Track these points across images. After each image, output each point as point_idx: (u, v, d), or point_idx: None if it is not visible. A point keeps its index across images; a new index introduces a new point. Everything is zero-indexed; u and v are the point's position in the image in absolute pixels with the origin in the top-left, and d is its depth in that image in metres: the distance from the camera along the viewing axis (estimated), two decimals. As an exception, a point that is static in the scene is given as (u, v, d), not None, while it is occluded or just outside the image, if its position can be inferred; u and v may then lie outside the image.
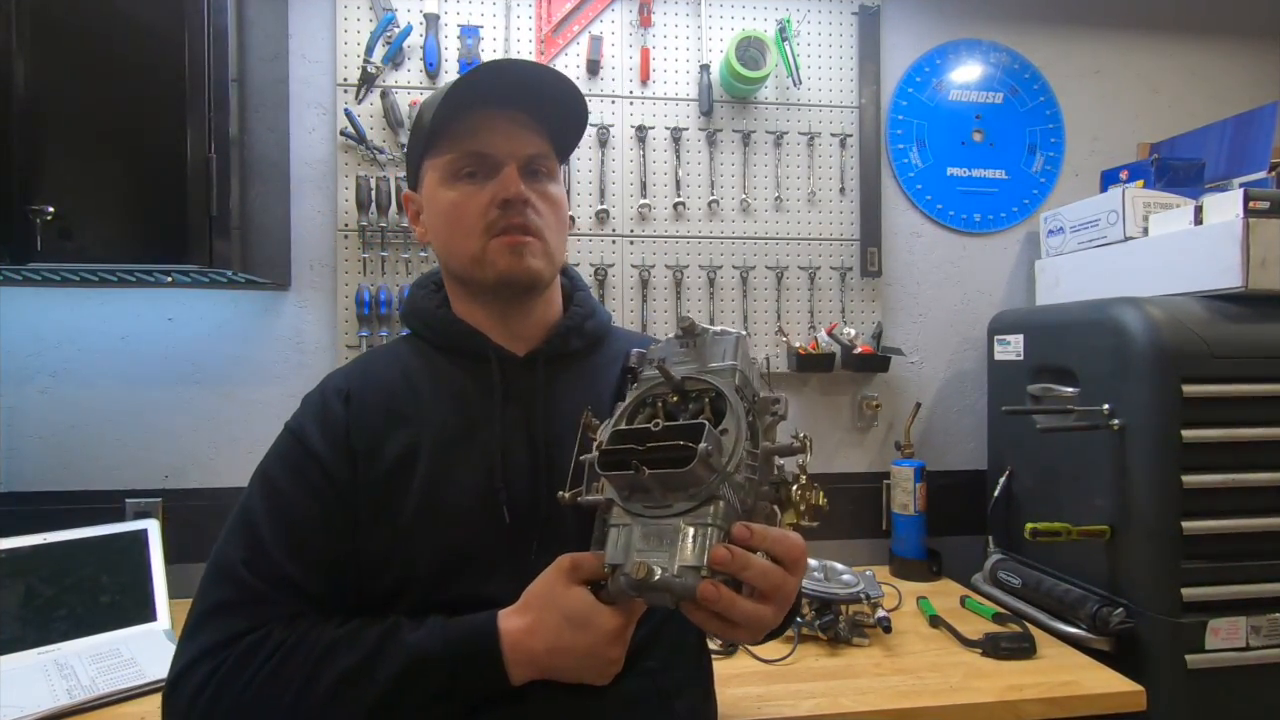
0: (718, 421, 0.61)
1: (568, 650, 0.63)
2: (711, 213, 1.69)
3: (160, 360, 1.52)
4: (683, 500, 0.58)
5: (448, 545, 0.70)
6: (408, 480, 0.71)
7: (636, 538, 0.59)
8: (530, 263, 0.75)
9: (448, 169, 0.76)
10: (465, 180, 0.75)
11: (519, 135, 0.76)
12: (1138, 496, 1.21)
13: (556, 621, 0.63)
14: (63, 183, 1.16)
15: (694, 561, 0.56)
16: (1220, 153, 1.65)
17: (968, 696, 1.09)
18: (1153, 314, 1.21)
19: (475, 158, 0.75)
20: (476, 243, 0.75)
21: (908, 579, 1.60)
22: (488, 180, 0.75)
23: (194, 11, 1.18)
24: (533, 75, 0.75)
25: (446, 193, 0.76)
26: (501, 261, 0.74)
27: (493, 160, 0.75)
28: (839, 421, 1.75)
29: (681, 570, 0.56)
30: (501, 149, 0.75)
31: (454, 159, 0.76)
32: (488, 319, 0.80)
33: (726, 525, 0.58)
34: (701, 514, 0.57)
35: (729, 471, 0.58)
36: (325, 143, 1.58)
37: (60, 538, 1.27)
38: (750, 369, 0.68)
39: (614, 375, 0.83)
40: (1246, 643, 1.17)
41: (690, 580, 0.55)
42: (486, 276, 0.76)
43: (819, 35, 1.73)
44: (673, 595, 0.56)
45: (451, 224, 0.76)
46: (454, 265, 0.79)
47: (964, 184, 1.79)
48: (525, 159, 0.76)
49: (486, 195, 0.74)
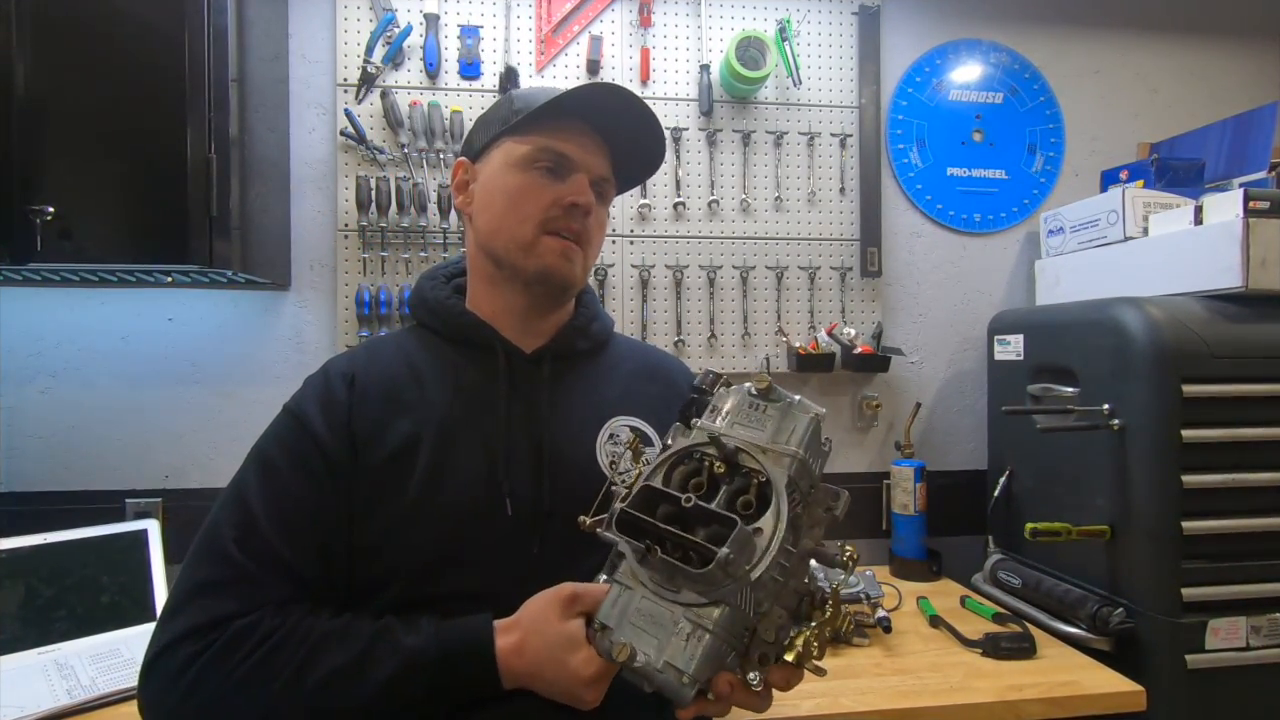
0: (760, 510, 0.57)
1: (547, 680, 0.63)
2: (711, 213, 1.69)
3: (160, 360, 1.52)
4: (692, 592, 0.55)
5: (447, 536, 0.70)
6: (409, 469, 0.71)
7: (635, 607, 0.57)
8: (573, 269, 0.79)
9: (526, 156, 0.78)
10: (539, 172, 0.78)
11: (599, 156, 0.82)
12: (1138, 496, 1.21)
13: (541, 648, 0.63)
14: (63, 183, 1.16)
15: (679, 663, 0.54)
16: (1220, 153, 1.65)
17: (968, 696, 1.09)
18: (1153, 314, 1.21)
19: (558, 156, 0.78)
20: (531, 232, 0.77)
21: (908, 579, 1.60)
22: (558, 181, 0.78)
23: (194, 11, 1.18)
24: (637, 112, 0.81)
25: (516, 176, 0.78)
26: (549, 258, 0.77)
27: (571, 164, 0.79)
28: (839, 421, 1.75)
29: (665, 666, 0.54)
30: (584, 160, 0.80)
31: (537, 150, 0.78)
32: (504, 310, 0.81)
33: (727, 635, 0.55)
34: (705, 615, 0.54)
35: (750, 578, 0.54)
36: (325, 143, 1.58)
37: (60, 538, 1.27)
38: (816, 454, 0.62)
39: (615, 379, 0.84)
40: (1246, 643, 1.17)
41: (670, 678, 0.54)
42: (528, 266, 0.78)
43: (819, 35, 1.73)
44: (650, 685, 0.55)
45: (512, 206, 0.78)
46: (497, 245, 0.79)
47: (964, 184, 1.79)
48: (597, 177, 0.81)
49: (554, 193, 0.77)
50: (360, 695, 0.62)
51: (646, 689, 0.56)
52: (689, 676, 0.54)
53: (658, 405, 0.84)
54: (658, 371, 0.90)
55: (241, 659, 0.61)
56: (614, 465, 0.76)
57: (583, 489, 0.71)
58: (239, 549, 0.65)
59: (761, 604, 0.57)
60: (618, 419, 0.80)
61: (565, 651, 0.62)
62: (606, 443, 0.78)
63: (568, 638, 0.62)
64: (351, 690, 0.62)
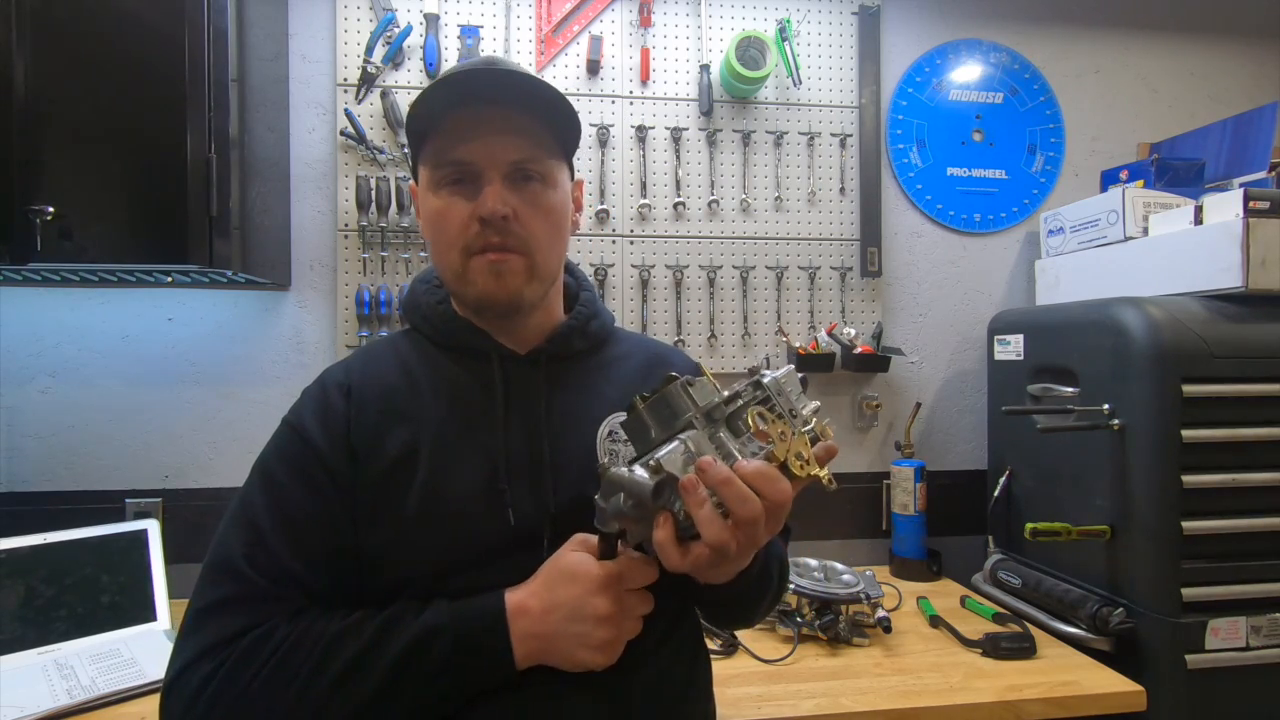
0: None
1: (560, 605, 0.64)
2: (711, 213, 1.69)
3: (160, 360, 1.52)
4: (665, 434, 0.61)
5: (449, 544, 0.69)
6: (409, 478, 0.70)
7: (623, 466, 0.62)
8: (510, 283, 0.73)
9: (432, 177, 0.74)
10: (450, 188, 0.73)
11: (503, 138, 0.72)
12: (1138, 496, 1.21)
13: (551, 578, 0.66)
14: (63, 183, 1.16)
15: (653, 462, 0.58)
16: (1220, 153, 1.65)
17: (968, 696, 1.09)
18: (1153, 314, 1.21)
19: (457, 166, 0.72)
20: (458, 259, 0.73)
21: (908, 579, 1.60)
22: (474, 188, 0.72)
23: (194, 11, 1.18)
24: (507, 76, 0.72)
25: (433, 200, 0.74)
26: (481, 281, 0.73)
27: (475, 169, 0.72)
28: (839, 421, 1.75)
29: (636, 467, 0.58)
30: (483, 157, 0.71)
31: (437, 168, 0.73)
32: (485, 322, 0.79)
33: (696, 451, 0.59)
34: (677, 440, 0.60)
35: (709, 408, 0.62)
36: (325, 143, 1.58)
37: (60, 538, 1.27)
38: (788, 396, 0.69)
39: (617, 376, 0.82)
40: (1246, 643, 1.17)
41: (639, 471, 0.57)
42: (468, 294, 0.75)
43: (819, 35, 1.73)
44: (625, 491, 0.57)
45: (436, 234, 0.75)
46: (442, 275, 0.78)
47: (964, 184, 1.79)
48: (510, 165, 0.72)
49: (469, 210, 0.71)
50: (376, 675, 0.62)
51: (625, 504, 0.58)
52: (654, 460, 0.57)
53: None
54: (659, 362, 0.88)
55: (259, 667, 0.61)
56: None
57: (586, 489, 0.71)
58: (249, 565, 0.66)
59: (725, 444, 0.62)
60: (618, 415, 0.78)
61: (571, 565, 0.65)
62: (606, 439, 0.77)
63: (573, 556, 0.66)
64: (369, 671, 0.62)
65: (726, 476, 0.56)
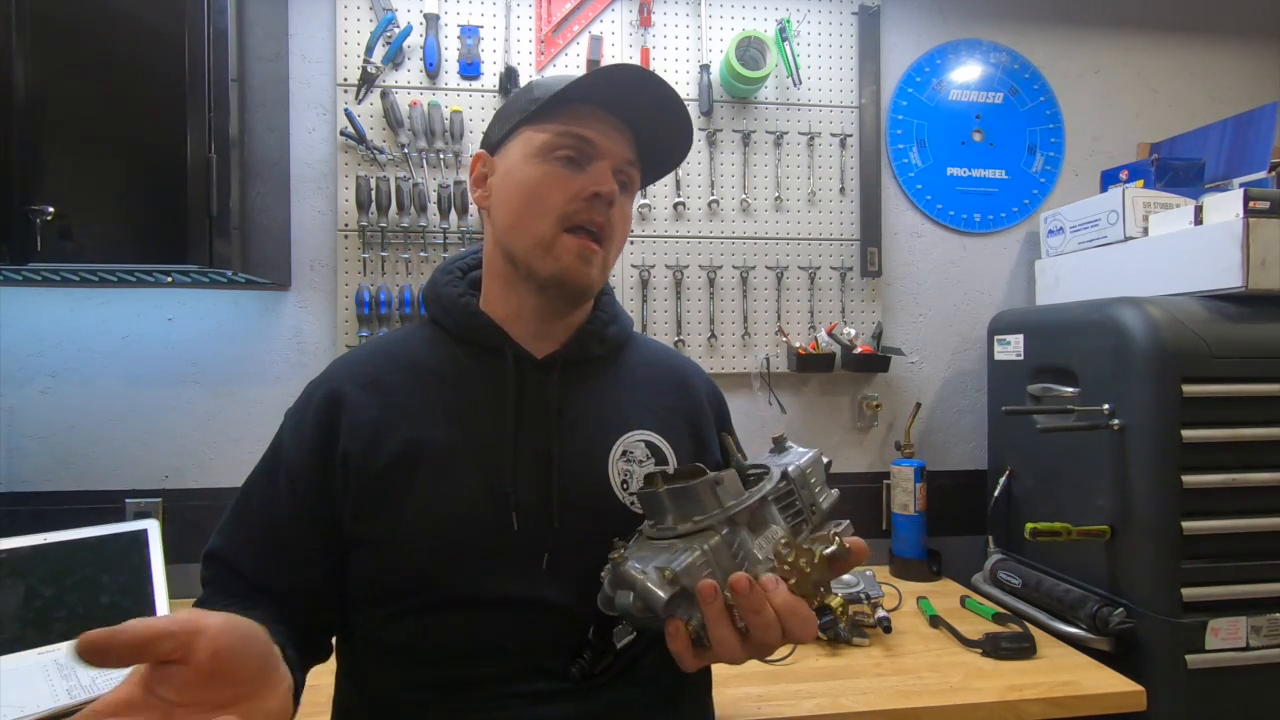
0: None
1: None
2: (711, 213, 1.69)
3: (160, 360, 1.52)
4: (688, 522, 0.60)
5: (449, 543, 0.69)
6: (410, 476, 0.69)
7: (642, 553, 0.62)
8: (591, 273, 0.74)
9: (545, 144, 0.73)
10: (558, 162, 0.73)
11: (623, 141, 0.75)
12: (1138, 496, 1.21)
13: None
14: (63, 183, 1.16)
15: (661, 563, 0.58)
16: (1220, 153, 1.65)
17: (968, 696, 1.09)
18: (1153, 314, 1.21)
19: (579, 141, 0.73)
20: (550, 228, 0.72)
21: (908, 579, 1.60)
22: (579, 171, 0.73)
23: (194, 11, 1.18)
24: (661, 94, 0.73)
25: (535, 167, 0.73)
26: (566, 259, 0.72)
27: (592, 150, 0.73)
28: (839, 421, 1.75)
29: (651, 570, 0.57)
30: (604, 144, 0.74)
31: (556, 136, 0.73)
32: (517, 313, 0.77)
33: (714, 556, 0.59)
34: (696, 539, 0.60)
35: (733, 512, 0.60)
36: (325, 143, 1.58)
37: (60, 538, 1.27)
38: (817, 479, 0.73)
39: (634, 387, 0.81)
40: (1246, 643, 1.17)
41: (653, 577, 0.57)
42: (544, 268, 0.73)
43: (819, 35, 1.73)
44: (634, 589, 0.57)
45: (529, 201, 0.73)
46: (514, 242, 0.75)
47: (964, 184, 1.79)
48: (621, 163, 0.75)
49: (575, 184, 0.72)
50: None
51: (634, 604, 0.58)
52: (670, 571, 0.56)
53: (675, 416, 0.81)
54: (678, 379, 0.86)
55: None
56: (625, 485, 0.73)
57: (592, 503, 0.71)
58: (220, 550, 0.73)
59: (755, 572, 0.60)
60: (632, 434, 0.76)
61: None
62: (620, 459, 0.74)
63: None
64: None
65: (759, 605, 0.57)
